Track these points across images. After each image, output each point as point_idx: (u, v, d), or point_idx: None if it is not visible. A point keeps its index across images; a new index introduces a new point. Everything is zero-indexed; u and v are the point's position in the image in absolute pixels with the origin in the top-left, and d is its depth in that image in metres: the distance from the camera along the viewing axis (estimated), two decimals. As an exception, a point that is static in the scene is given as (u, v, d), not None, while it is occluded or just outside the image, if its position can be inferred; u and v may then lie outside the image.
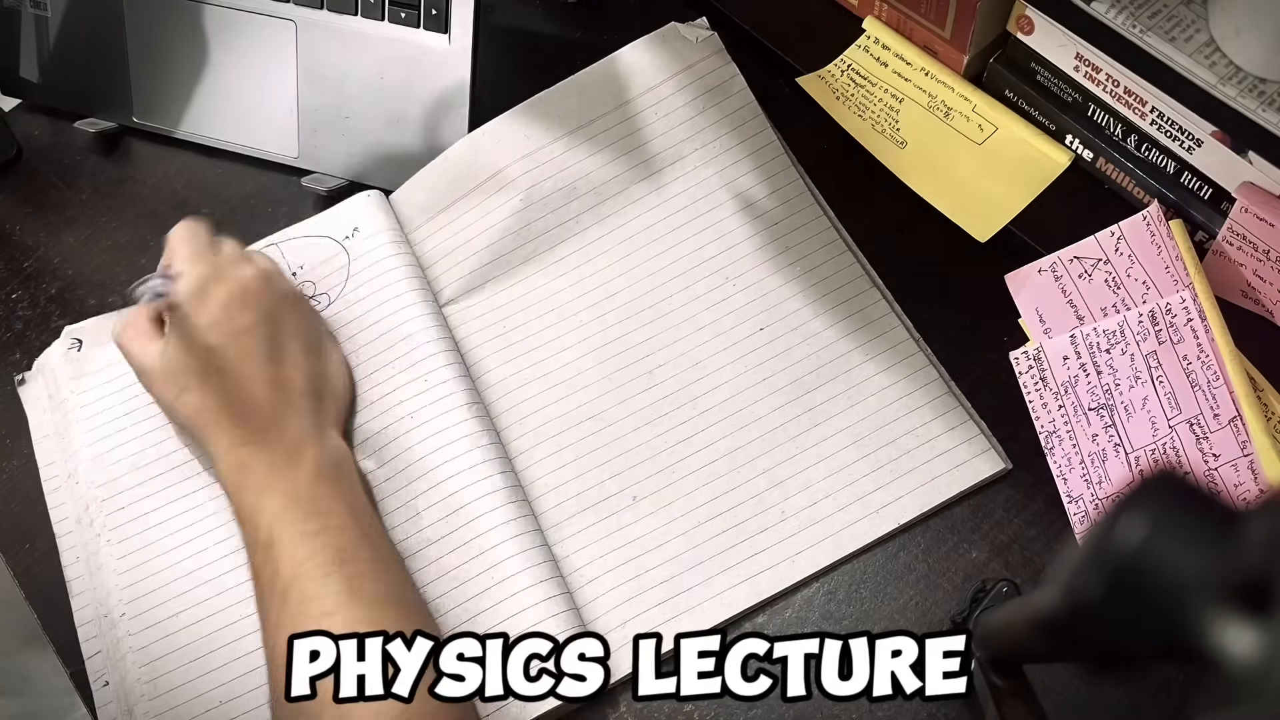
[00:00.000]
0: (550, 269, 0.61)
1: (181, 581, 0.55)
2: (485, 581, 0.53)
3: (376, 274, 0.60)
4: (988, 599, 0.48)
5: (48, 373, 0.61)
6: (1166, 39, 0.50)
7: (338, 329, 0.60)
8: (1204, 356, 0.52)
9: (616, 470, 0.56)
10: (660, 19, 0.70)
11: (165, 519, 0.56)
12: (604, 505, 0.55)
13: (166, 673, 0.53)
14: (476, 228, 0.62)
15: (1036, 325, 0.57)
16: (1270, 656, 0.22)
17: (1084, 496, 0.54)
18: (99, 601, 0.55)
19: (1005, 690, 0.44)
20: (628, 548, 0.54)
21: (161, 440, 0.58)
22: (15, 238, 0.68)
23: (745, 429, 0.56)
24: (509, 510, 0.54)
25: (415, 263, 0.62)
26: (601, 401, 0.58)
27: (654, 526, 0.55)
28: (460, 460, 0.55)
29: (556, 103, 0.63)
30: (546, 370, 0.59)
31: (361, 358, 0.59)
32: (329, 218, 0.63)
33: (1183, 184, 0.56)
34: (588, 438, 0.57)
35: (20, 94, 0.71)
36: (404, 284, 0.60)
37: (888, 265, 0.61)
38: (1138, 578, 0.25)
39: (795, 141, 0.65)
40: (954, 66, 0.62)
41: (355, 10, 0.64)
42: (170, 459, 0.58)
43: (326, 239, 0.62)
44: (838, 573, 0.54)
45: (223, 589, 0.54)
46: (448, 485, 0.55)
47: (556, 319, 0.60)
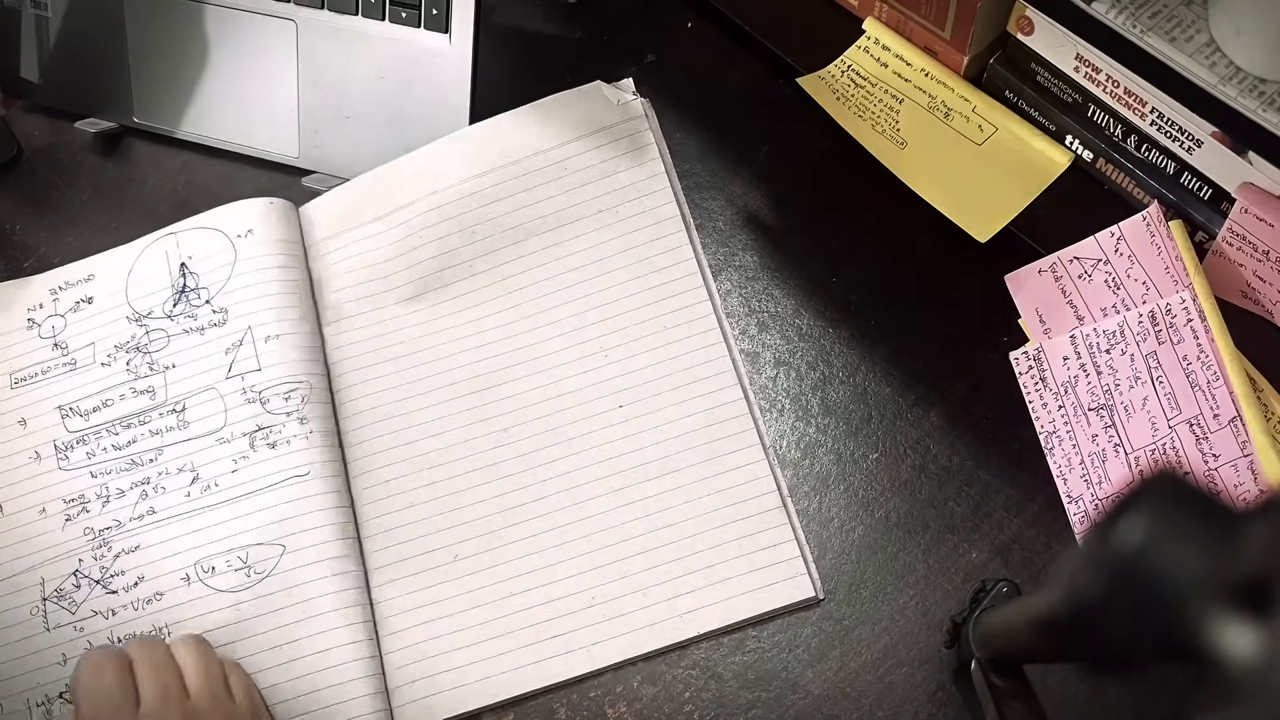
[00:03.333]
0: (434, 308, 0.61)
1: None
2: (297, 614, 0.53)
3: (257, 280, 0.60)
4: (988, 599, 0.48)
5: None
6: (1166, 39, 0.50)
7: (203, 327, 0.60)
8: (1204, 357, 0.52)
9: (446, 525, 0.56)
10: (660, 19, 0.70)
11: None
12: (425, 558, 0.55)
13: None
14: (373, 255, 0.62)
15: (1036, 325, 0.57)
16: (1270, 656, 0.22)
17: (1084, 496, 0.54)
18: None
19: (1005, 690, 0.44)
20: (436, 606, 0.54)
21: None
22: (15, 238, 0.68)
23: (578, 506, 0.56)
24: (334, 548, 0.54)
25: (302, 277, 0.61)
26: (450, 452, 0.57)
27: (467, 589, 0.55)
28: (294, 488, 0.55)
29: (475, 143, 0.63)
30: (407, 410, 0.59)
31: (224, 359, 0.59)
32: (228, 213, 0.62)
33: (1183, 184, 0.56)
34: (426, 486, 0.57)
35: (20, 94, 0.71)
36: (280, 296, 0.60)
37: (887, 265, 0.61)
38: (1138, 578, 0.25)
39: (795, 142, 0.65)
40: (954, 67, 0.62)
41: (355, 10, 0.64)
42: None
43: (219, 233, 0.62)
44: (838, 573, 0.54)
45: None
46: (280, 510, 0.55)
47: (429, 358, 0.60)
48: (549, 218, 0.62)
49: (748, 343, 0.60)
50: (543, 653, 0.53)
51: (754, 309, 0.61)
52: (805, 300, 0.61)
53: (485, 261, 0.62)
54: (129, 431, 0.58)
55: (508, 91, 0.65)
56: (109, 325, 0.61)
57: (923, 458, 0.56)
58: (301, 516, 0.55)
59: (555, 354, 0.59)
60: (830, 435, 0.57)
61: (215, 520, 0.56)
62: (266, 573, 0.54)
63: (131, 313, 0.61)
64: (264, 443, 0.57)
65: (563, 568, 0.55)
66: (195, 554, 0.55)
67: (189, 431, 0.58)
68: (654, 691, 0.53)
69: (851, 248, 0.62)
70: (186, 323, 0.60)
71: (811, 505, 0.56)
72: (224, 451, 0.57)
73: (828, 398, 0.58)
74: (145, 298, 0.61)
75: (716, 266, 0.62)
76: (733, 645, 0.53)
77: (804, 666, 0.53)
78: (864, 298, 0.61)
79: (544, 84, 0.64)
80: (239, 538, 0.55)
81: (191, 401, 0.59)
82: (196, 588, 0.55)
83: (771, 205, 0.64)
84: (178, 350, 0.60)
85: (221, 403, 0.58)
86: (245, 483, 0.56)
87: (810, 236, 0.63)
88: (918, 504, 0.55)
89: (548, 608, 0.54)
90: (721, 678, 0.53)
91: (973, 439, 0.56)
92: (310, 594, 0.54)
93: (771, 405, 0.58)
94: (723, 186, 0.65)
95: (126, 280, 0.62)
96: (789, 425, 0.58)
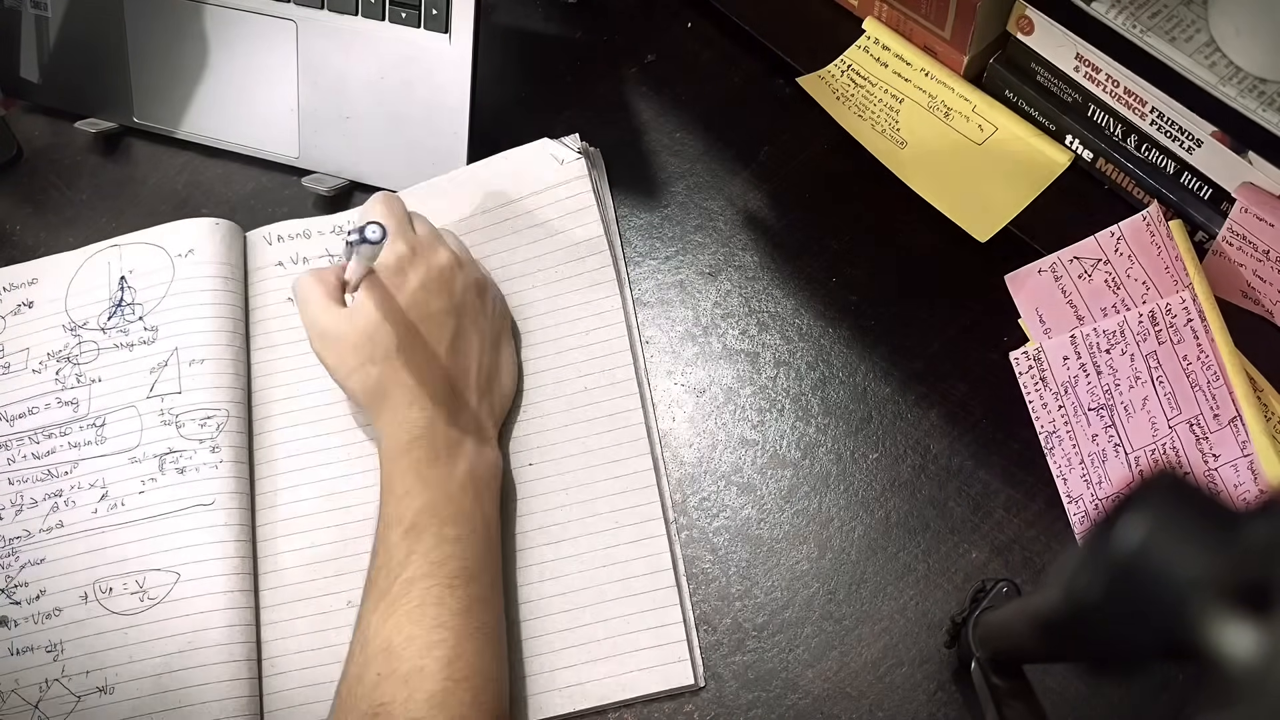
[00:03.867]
0: None
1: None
2: (182, 644, 0.53)
3: (191, 302, 0.60)
4: (988, 599, 0.48)
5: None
6: (1166, 39, 0.50)
7: (133, 343, 0.59)
8: (1204, 357, 0.52)
9: (344, 570, 0.55)
10: (660, 19, 0.70)
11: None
12: (319, 601, 0.55)
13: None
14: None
15: (1036, 325, 0.57)
16: (1270, 656, 0.22)
17: (1084, 496, 0.54)
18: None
19: (1005, 690, 0.44)
20: (324, 651, 0.54)
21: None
22: (15, 238, 0.68)
23: None
24: (229, 581, 0.54)
25: (238, 302, 0.61)
26: (359, 494, 0.57)
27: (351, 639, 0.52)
28: (197, 516, 0.55)
29: (422, 201, 0.62)
30: (322, 446, 0.58)
31: (148, 378, 0.58)
32: (171, 231, 0.62)
33: (1183, 184, 0.56)
34: (330, 528, 0.56)
35: (20, 94, 0.71)
36: (211, 320, 0.59)
37: (887, 265, 0.61)
38: (1138, 578, 0.25)
39: (795, 142, 0.65)
40: (954, 67, 0.62)
41: (355, 10, 0.64)
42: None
43: (161, 250, 0.62)
44: (838, 573, 0.54)
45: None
46: (180, 537, 0.55)
47: (347, 399, 0.58)
48: (490, 273, 0.62)
49: (747, 343, 0.60)
50: None
51: (754, 309, 0.61)
52: (805, 300, 0.61)
53: None
54: (50, 441, 0.58)
55: (508, 92, 0.65)
56: (45, 332, 0.61)
57: (923, 458, 0.56)
58: (200, 546, 0.54)
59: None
60: (830, 435, 0.57)
61: (118, 540, 0.55)
62: (159, 599, 0.54)
63: (68, 321, 0.61)
64: (173, 467, 0.56)
65: None
66: (95, 573, 0.55)
67: (104, 448, 0.57)
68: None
69: (851, 248, 0.62)
70: (118, 337, 0.60)
71: (811, 505, 0.56)
72: (134, 471, 0.56)
73: (828, 398, 0.58)
74: (83, 308, 0.61)
75: (716, 266, 0.62)
76: (733, 645, 0.53)
77: (804, 666, 0.53)
78: (864, 298, 0.61)
79: (544, 84, 0.65)
80: (138, 561, 0.55)
81: (112, 418, 0.58)
82: (93, 607, 0.54)
83: (771, 205, 0.64)
84: (106, 364, 0.59)
85: (139, 421, 0.58)
86: (150, 505, 0.56)
87: (810, 236, 0.63)
88: (918, 504, 0.55)
89: None
90: (721, 678, 0.53)
91: (973, 439, 0.56)
92: (198, 625, 0.53)
93: (771, 405, 0.58)
94: (723, 186, 0.65)
95: (68, 288, 0.62)
96: (789, 425, 0.58)
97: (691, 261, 0.63)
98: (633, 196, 0.65)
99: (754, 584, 0.54)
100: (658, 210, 0.65)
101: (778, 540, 0.55)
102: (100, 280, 0.62)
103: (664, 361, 0.60)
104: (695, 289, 0.62)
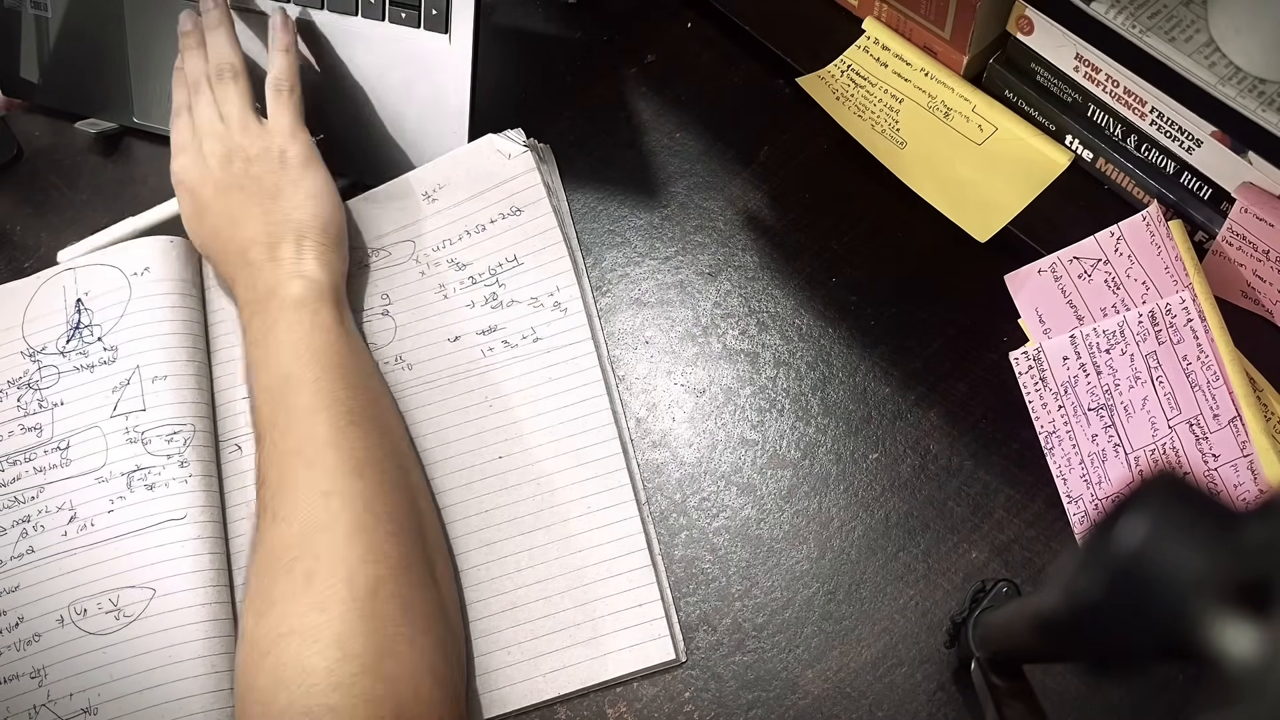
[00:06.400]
0: None
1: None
2: (161, 659, 0.53)
3: (149, 320, 0.60)
4: (988, 599, 0.48)
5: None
6: (1166, 39, 0.50)
7: (93, 365, 0.59)
8: (1204, 357, 0.52)
9: None
10: (660, 19, 0.70)
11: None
12: None
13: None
14: None
15: (1036, 325, 0.57)
16: (1270, 656, 0.22)
17: (1084, 496, 0.54)
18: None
19: (1005, 690, 0.44)
20: None
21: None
22: (15, 238, 0.68)
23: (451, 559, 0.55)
24: (205, 594, 0.54)
25: (197, 317, 0.61)
26: None
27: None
28: (169, 531, 0.55)
29: (377, 204, 0.62)
30: None
31: (110, 398, 0.58)
32: (125, 250, 0.62)
33: (1182, 184, 0.56)
34: None
35: (20, 94, 0.71)
36: (171, 337, 0.59)
37: (887, 265, 0.61)
38: (1138, 578, 0.25)
39: (795, 142, 0.65)
40: (954, 67, 0.62)
41: (355, 10, 0.64)
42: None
43: (116, 270, 0.61)
44: (838, 573, 0.54)
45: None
46: (154, 553, 0.54)
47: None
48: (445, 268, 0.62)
49: (747, 343, 0.60)
50: None
51: (754, 309, 0.61)
52: (805, 300, 0.61)
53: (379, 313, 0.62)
54: (14, 468, 0.58)
55: (508, 92, 0.65)
56: (3, 360, 0.61)
57: (923, 458, 0.56)
58: (174, 560, 0.54)
59: (439, 403, 0.59)
60: (830, 435, 0.57)
61: (90, 561, 0.55)
62: (135, 616, 0.53)
63: (26, 348, 0.61)
64: (142, 484, 0.56)
65: None
66: (69, 595, 0.54)
67: (70, 470, 0.57)
68: (654, 691, 0.53)
69: (851, 248, 0.62)
70: (78, 359, 0.60)
71: (811, 505, 0.56)
72: (101, 491, 0.56)
73: (828, 398, 0.58)
74: (40, 333, 0.61)
75: (716, 266, 0.62)
76: (733, 645, 0.53)
77: (804, 666, 0.53)
78: (864, 298, 0.61)
79: (544, 84, 0.65)
80: (112, 580, 0.54)
81: (76, 439, 0.58)
82: (70, 629, 0.54)
83: (771, 205, 0.64)
84: (67, 388, 0.59)
85: (104, 441, 0.57)
86: (121, 524, 0.55)
87: (810, 236, 0.63)
88: (918, 504, 0.55)
89: None
90: (721, 678, 0.53)
91: (973, 439, 0.57)
92: (177, 639, 0.53)
93: (771, 405, 0.58)
94: (723, 186, 0.65)
95: (24, 314, 0.62)
96: (789, 425, 0.58)
97: (691, 261, 0.63)
98: (633, 196, 0.65)
99: (754, 584, 0.54)
100: (658, 210, 0.65)
101: (778, 540, 0.55)
102: (56, 304, 0.61)
103: (664, 361, 0.60)
104: (695, 289, 0.62)
